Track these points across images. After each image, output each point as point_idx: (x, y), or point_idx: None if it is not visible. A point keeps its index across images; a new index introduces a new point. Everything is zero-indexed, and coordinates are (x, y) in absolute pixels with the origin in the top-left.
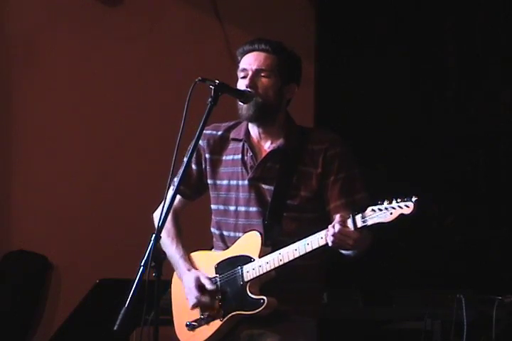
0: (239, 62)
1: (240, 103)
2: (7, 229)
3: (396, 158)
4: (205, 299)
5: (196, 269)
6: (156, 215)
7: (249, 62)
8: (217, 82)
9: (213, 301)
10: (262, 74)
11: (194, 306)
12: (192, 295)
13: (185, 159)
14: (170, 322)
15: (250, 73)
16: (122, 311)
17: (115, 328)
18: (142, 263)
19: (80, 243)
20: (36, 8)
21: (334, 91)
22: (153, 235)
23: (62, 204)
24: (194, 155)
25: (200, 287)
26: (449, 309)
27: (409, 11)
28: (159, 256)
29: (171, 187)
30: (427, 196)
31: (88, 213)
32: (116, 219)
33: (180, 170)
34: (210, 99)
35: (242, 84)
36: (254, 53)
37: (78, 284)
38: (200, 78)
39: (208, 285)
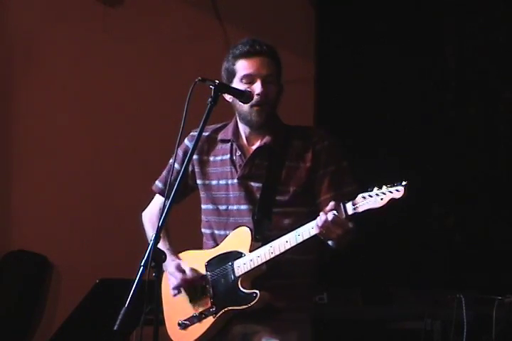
0: (234, 65)
1: (240, 103)
2: (7, 229)
3: (396, 158)
4: (187, 284)
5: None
6: (145, 214)
7: (257, 67)
8: (217, 82)
9: (205, 298)
10: (269, 81)
11: (175, 294)
12: (173, 280)
13: (171, 160)
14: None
15: (260, 80)
16: (122, 311)
17: (115, 328)
18: (142, 263)
19: (80, 243)
20: (36, 8)
21: (334, 91)
22: (153, 235)
23: (62, 204)
24: (182, 158)
25: (180, 270)
26: (449, 309)
27: (409, 11)
28: (159, 257)
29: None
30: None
31: (88, 213)
32: (116, 219)
33: (165, 173)
34: (210, 99)
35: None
36: (260, 58)
37: (78, 284)
38: (200, 78)
39: (188, 272)
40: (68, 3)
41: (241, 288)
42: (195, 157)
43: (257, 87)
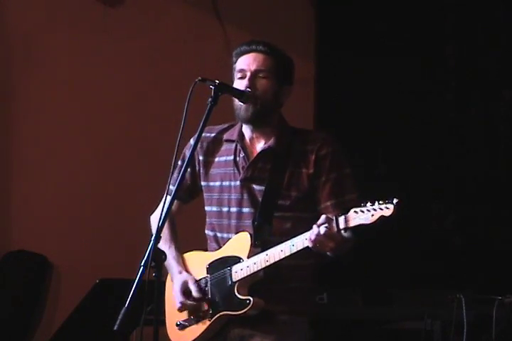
0: (235, 63)
1: (240, 103)
2: (7, 229)
3: (396, 158)
4: (191, 304)
5: (188, 271)
6: (153, 218)
7: (248, 62)
8: (217, 82)
9: (202, 302)
10: (261, 76)
11: (179, 310)
12: (178, 299)
13: (180, 162)
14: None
15: (249, 74)
16: (122, 311)
17: (115, 328)
18: (142, 263)
19: (80, 243)
20: (36, 8)
21: (334, 91)
22: (153, 235)
23: (62, 204)
24: (191, 159)
25: (186, 292)
26: (449, 309)
27: (409, 11)
28: (159, 257)
29: (169, 188)
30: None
31: (88, 213)
32: (116, 219)
33: (174, 174)
34: (210, 99)
35: (240, 85)
36: (253, 54)
37: (78, 284)
38: (200, 78)
39: (195, 293)
40: (68, 3)
41: (237, 294)
42: (200, 158)
43: (244, 81)
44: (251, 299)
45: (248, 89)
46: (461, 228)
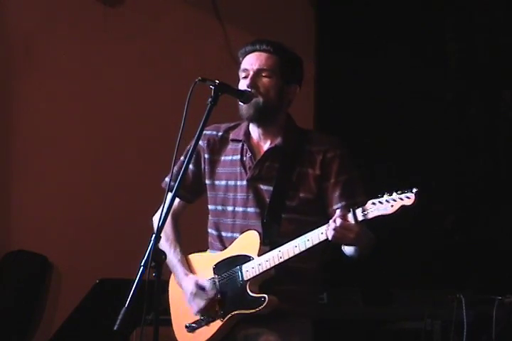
0: (240, 63)
1: (240, 103)
2: (7, 229)
3: (396, 158)
4: (207, 302)
5: (194, 273)
6: (156, 219)
7: (251, 62)
8: (217, 82)
9: (213, 302)
10: (263, 74)
11: (199, 312)
12: (194, 301)
13: (182, 158)
14: (170, 323)
15: (251, 73)
16: (122, 311)
17: (115, 328)
18: (142, 263)
19: (80, 243)
20: (36, 8)
21: (334, 92)
22: (153, 235)
23: (62, 204)
24: (193, 156)
25: (200, 290)
26: (449, 309)
27: (409, 11)
28: (159, 257)
29: (170, 185)
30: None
31: (88, 213)
32: (116, 219)
33: (175, 170)
34: (210, 99)
35: (243, 84)
36: (256, 53)
37: (78, 284)
38: (200, 78)
39: (208, 288)
40: (68, 3)
41: (249, 292)
42: (206, 156)
43: (246, 80)
44: (266, 296)
45: (249, 88)
46: (461, 228)
